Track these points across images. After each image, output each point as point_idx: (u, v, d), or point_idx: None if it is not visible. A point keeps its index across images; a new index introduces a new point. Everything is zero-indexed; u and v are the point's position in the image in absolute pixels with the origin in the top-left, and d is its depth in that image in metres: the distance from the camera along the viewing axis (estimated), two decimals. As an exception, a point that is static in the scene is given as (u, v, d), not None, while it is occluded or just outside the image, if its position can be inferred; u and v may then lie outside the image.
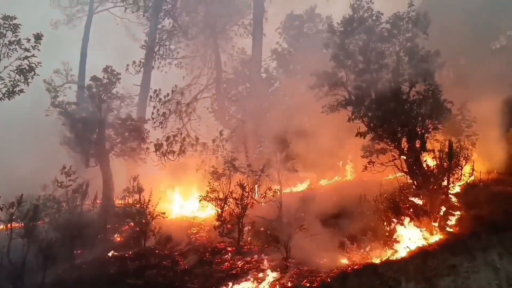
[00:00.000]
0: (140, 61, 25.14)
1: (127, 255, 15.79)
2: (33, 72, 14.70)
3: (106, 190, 20.14)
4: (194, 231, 17.85)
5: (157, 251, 15.80)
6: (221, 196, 16.09)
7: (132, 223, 17.73)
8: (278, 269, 12.62)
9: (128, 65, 24.12)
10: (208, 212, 18.29)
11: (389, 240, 13.07)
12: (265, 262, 13.40)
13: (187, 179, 22.17)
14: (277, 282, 11.87)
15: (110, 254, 16.60)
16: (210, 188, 16.30)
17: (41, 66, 14.93)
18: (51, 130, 21.75)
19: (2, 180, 19.29)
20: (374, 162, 14.71)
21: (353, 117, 14.39)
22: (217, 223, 15.78)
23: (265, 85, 27.01)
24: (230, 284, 12.33)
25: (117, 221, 18.38)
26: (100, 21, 33.73)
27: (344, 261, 12.73)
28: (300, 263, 12.84)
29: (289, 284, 11.37)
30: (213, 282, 12.61)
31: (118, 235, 18.67)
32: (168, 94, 22.58)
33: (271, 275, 12.37)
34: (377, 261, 12.19)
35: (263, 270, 12.82)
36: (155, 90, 22.33)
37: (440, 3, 18.31)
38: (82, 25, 31.89)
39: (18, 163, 24.47)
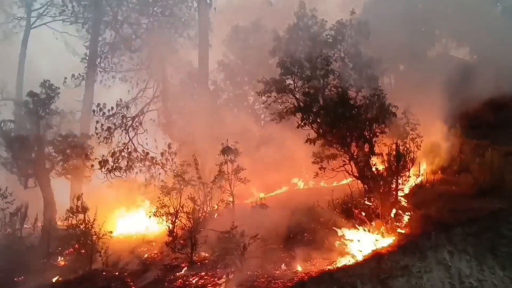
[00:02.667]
0: (79, 74, 24.11)
1: (72, 279, 14.82)
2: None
3: (47, 211, 18.95)
4: (145, 249, 17.11)
5: (104, 273, 14.88)
6: (171, 211, 15.55)
7: (76, 245, 16.73)
8: (233, 283, 12.20)
9: (65, 78, 23.00)
10: (159, 229, 17.58)
11: (343, 245, 13.04)
12: (220, 275, 12.96)
13: (136, 196, 21.40)
14: (233, 296, 11.45)
15: (54, 280, 15.53)
16: (160, 203, 15.72)
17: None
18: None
19: None
20: (325, 168, 14.73)
21: (302, 123, 14.38)
22: (169, 239, 15.21)
23: (213, 97, 26.81)
24: (184, 302, 11.77)
25: (60, 244, 17.25)
26: (38, 36, 32.52)
27: (301, 269, 12.54)
28: (256, 274, 12.52)
29: (246, 298, 10.97)
30: (166, 302, 11.99)
31: (62, 259, 17.54)
32: (112, 108, 21.73)
33: (227, 289, 11.93)
34: (333, 267, 12.09)
35: (218, 285, 12.36)
36: (98, 104, 21.43)
37: (380, 12, 18.93)
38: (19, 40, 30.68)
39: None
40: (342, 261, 12.37)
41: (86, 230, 15.87)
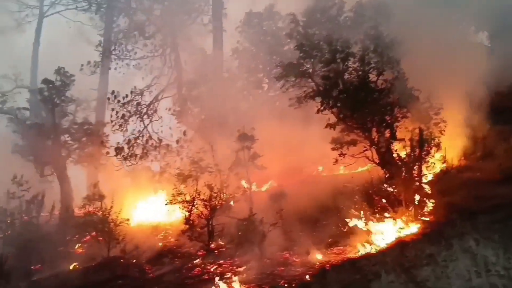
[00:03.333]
0: (94, 62, 23.90)
1: (90, 267, 14.77)
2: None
3: (64, 199, 18.95)
4: (162, 237, 17.00)
5: (122, 261, 14.81)
6: (188, 198, 15.35)
7: (94, 233, 16.67)
8: (253, 271, 11.97)
9: (82, 65, 22.81)
10: (175, 217, 17.45)
11: (365, 233, 12.70)
12: (239, 263, 12.75)
13: (151, 184, 21.24)
14: (252, 284, 11.19)
15: (71, 267, 15.51)
16: (176, 191, 15.52)
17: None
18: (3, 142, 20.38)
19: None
20: (345, 154, 14.32)
21: (322, 108, 13.96)
22: (185, 227, 15.04)
23: (228, 85, 26.40)
24: (203, 290, 11.59)
25: (77, 232, 17.18)
26: (52, 25, 32.43)
27: (321, 257, 12.25)
28: (275, 262, 12.29)
29: (266, 287, 10.73)
30: (184, 290, 11.83)
31: (80, 246, 17.53)
32: (127, 95, 21.51)
33: (245, 278, 11.68)
34: (355, 255, 11.79)
35: (236, 273, 12.14)
36: (113, 92, 21.21)
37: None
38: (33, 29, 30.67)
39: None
40: (365, 249, 12.03)
41: (104, 217, 15.79)
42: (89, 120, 21.51)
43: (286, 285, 10.57)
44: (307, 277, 10.74)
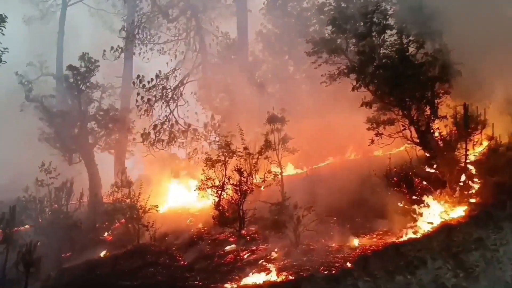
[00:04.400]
0: (118, 46, 23.55)
1: (120, 254, 14.54)
2: (-1, 61, 13.18)
3: (92, 186, 18.87)
4: (191, 223, 16.62)
5: (152, 248, 14.53)
6: (217, 183, 14.86)
7: (123, 220, 16.45)
8: (288, 257, 11.38)
9: (104, 51, 22.50)
10: (204, 202, 17.01)
11: (407, 217, 11.93)
12: (272, 250, 12.18)
13: (178, 170, 20.91)
14: (289, 271, 10.60)
15: (101, 254, 15.33)
16: (205, 176, 15.05)
17: (7, 51, 13.44)
18: (30, 129, 20.33)
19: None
20: (382, 134, 13.47)
21: (357, 85, 13.11)
22: (215, 213, 14.59)
23: (252, 68, 25.72)
24: (237, 278, 11.06)
25: (106, 219, 17.05)
26: (75, 14, 32.43)
27: (360, 243, 11.56)
28: (311, 249, 11.67)
29: (304, 274, 10.12)
30: (217, 278, 11.33)
31: (109, 233, 17.37)
32: (152, 79, 21.11)
33: (281, 265, 11.10)
34: (398, 240, 11.05)
35: (271, 260, 11.58)
36: (138, 76, 20.86)
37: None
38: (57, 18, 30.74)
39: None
40: (407, 234, 11.27)
41: (132, 204, 15.52)
42: (115, 107, 21.24)
43: (326, 272, 9.92)
44: (348, 263, 10.07)
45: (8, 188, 17.28)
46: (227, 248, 13.41)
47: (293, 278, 10.11)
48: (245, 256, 12.29)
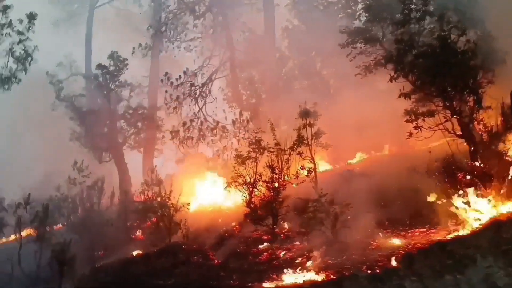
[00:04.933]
0: (146, 44, 23.48)
1: (152, 253, 14.37)
2: (30, 58, 13.15)
3: (123, 185, 18.86)
4: (222, 222, 16.33)
5: (184, 246, 14.31)
6: (248, 180, 14.52)
7: (154, 218, 16.30)
8: (327, 256, 10.91)
9: (134, 48, 22.46)
10: (234, 200, 16.73)
11: (451, 213, 11.28)
12: (309, 248, 11.73)
13: (208, 167, 20.69)
14: (329, 270, 10.14)
15: (134, 253, 15.20)
16: (235, 173, 14.73)
17: (38, 50, 13.45)
18: (61, 129, 20.51)
19: (15, 187, 18.03)
20: (421, 126, 12.81)
21: (395, 75, 12.49)
22: (247, 210, 14.27)
23: (279, 65, 25.29)
24: (275, 277, 10.67)
25: (137, 217, 16.94)
26: (102, 15, 32.74)
27: (401, 242, 10.99)
28: (350, 247, 11.16)
29: (346, 273, 9.64)
30: (254, 277, 10.96)
31: (140, 232, 17.25)
32: (180, 76, 20.94)
33: (320, 263, 10.66)
34: (444, 238, 10.43)
35: (308, 258, 11.13)
36: (166, 73, 20.73)
37: None
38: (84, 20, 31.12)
39: (32, 168, 23.39)
40: (454, 232, 10.64)
41: (163, 202, 15.34)
42: (143, 105, 21.22)
43: (369, 271, 9.42)
44: (393, 262, 9.53)
45: (41, 187, 17.39)
46: (261, 246, 13.06)
47: (335, 277, 9.64)
48: (281, 254, 11.90)
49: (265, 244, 13.15)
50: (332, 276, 9.70)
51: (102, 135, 19.27)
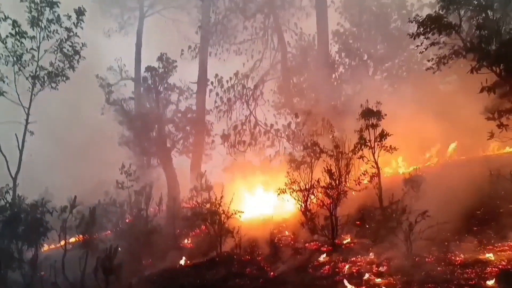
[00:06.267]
0: (195, 45, 22.91)
1: (201, 263, 13.44)
2: (78, 56, 12.71)
3: (171, 191, 18.13)
4: (275, 231, 15.17)
5: (236, 257, 13.26)
6: (303, 186, 13.35)
7: (203, 226, 15.39)
8: (401, 271, 9.50)
9: (182, 50, 21.91)
10: (289, 208, 15.54)
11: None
12: (378, 262, 10.36)
13: (258, 174, 19.68)
14: (407, 288, 8.73)
15: (182, 262, 14.32)
16: (289, 179, 13.61)
17: (86, 47, 13.00)
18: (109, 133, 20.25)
19: (65, 191, 17.78)
20: (507, 125, 11.16)
21: (476, 66, 10.95)
22: (302, 219, 13.08)
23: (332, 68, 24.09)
24: (343, 293, 9.38)
25: (186, 225, 16.10)
26: (151, 25, 32.82)
27: (489, 257, 9.40)
28: (428, 261, 9.71)
29: (428, 292, 8.22)
30: (318, 293, 9.72)
31: (189, 241, 16.41)
32: (230, 78, 20.17)
33: (394, 280, 9.26)
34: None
35: (379, 274, 9.75)
36: (216, 75, 20.04)
37: None
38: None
39: (81, 173, 23.41)
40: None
41: (214, 209, 14.38)
42: (192, 109, 20.56)
43: (458, 291, 7.96)
44: (489, 281, 8.00)
45: (88, 192, 16.98)
46: (321, 258, 11.80)
47: (416, 298, 8.24)
48: (345, 268, 10.56)
49: (325, 255, 11.87)
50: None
51: (151, 140, 18.71)
